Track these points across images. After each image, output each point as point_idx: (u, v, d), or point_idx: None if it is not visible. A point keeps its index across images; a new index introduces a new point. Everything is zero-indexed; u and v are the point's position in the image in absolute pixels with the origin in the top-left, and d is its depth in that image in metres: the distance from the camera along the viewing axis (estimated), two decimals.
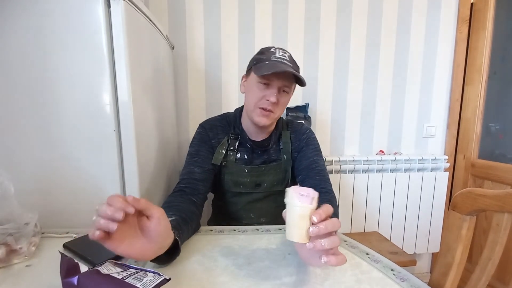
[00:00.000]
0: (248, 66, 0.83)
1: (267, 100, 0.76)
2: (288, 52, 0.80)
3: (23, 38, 0.68)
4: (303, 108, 1.42)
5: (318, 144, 0.90)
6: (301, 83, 0.77)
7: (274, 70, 0.71)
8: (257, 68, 0.76)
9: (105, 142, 0.73)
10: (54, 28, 0.68)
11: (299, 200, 0.44)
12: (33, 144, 0.71)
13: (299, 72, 0.78)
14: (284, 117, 1.20)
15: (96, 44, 0.69)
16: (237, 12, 1.39)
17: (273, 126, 0.89)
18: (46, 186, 0.73)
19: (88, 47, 0.69)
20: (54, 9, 0.67)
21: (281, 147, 0.89)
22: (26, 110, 0.70)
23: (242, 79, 0.86)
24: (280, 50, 0.78)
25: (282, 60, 0.75)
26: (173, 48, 1.33)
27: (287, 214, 0.46)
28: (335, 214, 0.69)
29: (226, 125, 0.90)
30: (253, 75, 0.78)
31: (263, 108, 0.77)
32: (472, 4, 1.51)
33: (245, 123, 0.87)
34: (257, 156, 0.89)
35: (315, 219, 0.42)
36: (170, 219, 0.56)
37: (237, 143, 0.88)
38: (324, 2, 1.43)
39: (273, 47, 0.80)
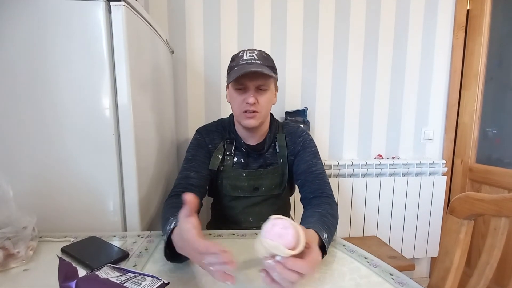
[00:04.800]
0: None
1: (247, 103, 0.77)
2: (258, 50, 0.80)
3: (24, 42, 0.68)
4: (302, 113, 1.42)
5: (315, 146, 0.89)
6: (275, 73, 0.79)
7: (237, 74, 0.74)
8: (229, 76, 0.79)
9: (105, 146, 0.73)
10: (55, 33, 0.68)
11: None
12: (32, 147, 0.71)
13: (272, 65, 0.79)
14: (281, 120, 1.20)
15: (97, 48, 0.69)
16: (236, 17, 1.40)
17: (266, 128, 0.88)
18: (44, 190, 0.73)
19: (89, 51, 0.70)
20: (55, 13, 0.68)
21: (277, 150, 0.89)
22: (25, 113, 0.70)
23: (226, 89, 0.87)
24: (248, 52, 0.79)
25: (250, 61, 0.76)
26: (172, 52, 1.34)
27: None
28: (334, 219, 0.69)
29: (222, 130, 0.90)
30: (230, 84, 0.82)
31: (246, 111, 0.78)
32: (468, 10, 1.53)
33: (238, 128, 0.88)
34: (253, 160, 0.89)
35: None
36: None
37: (233, 148, 0.88)
38: (323, 9, 1.45)
39: (243, 50, 0.81)
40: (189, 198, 0.45)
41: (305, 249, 0.42)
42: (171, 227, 0.54)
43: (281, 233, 0.41)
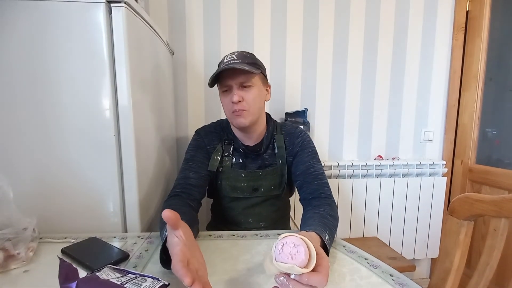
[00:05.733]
0: None
1: (233, 102, 0.78)
2: (239, 51, 0.80)
3: (24, 43, 0.68)
4: (302, 113, 1.43)
5: (314, 147, 0.88)
6: (257, 69, 0.78)
7: (213, 76, 0.76)
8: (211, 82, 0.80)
9: (105, 147, 0.73)
10: (55, 34, 0.69)
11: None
12: (32, 148, 0.71)
13: (252, 62, 0.79)
14: (279, 121, 1.20)
15: (97, 49, 0.70)
16: (236, 18, 1.40)
17: (262, 128, 0.88)
18: (45, 191, 0.73)
19: (89, 52, 0.70)
20: (56, 15, 0.68)
21: (276, 151, 0.89)
22: (26, 115, 0.70)
23: None
24: (229, 55, 0.80)
25: (230, 62, 0.77)
26: (173, 53, 1.34)
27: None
28: (335, 220, 0.69)
29: (220, 131, 0.91)
30: (218, 89, 0.84)
31: (234, 111, 0.79)
32: (467, 12, 1.54)
33: (235, 129, 0.88)
34: (251, 161, 0.89)
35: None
36: None
37: (231, 148, 0.88)
38: (322, 11, 1.45)
39: (225, 56, 0.81)
40: (167, 215, 0.41)
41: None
42: (167, 234, 0.53)
43: (292, 253, 0.41)
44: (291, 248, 0.41)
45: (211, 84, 0.80)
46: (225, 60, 0.78)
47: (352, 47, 1.50)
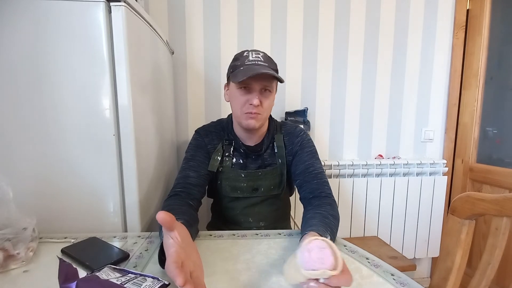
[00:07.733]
0: (227, 75, 0.85)
1: (251, 104, 0.76)
2: (262, 52, 0.80)
3: (24, 42, 0.68)
4: (302, 113, 1.42)
5: (314, 146, 0.88)
6: (280, 80, 0.78)
7: (249, 75, 0.72)
8: (234, 76, 0.77)
9: (105, 147, 0.73)
10: (55, 33, 0.68)
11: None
12: (32, 148, 0.71)
13: (276, 68, 0.79)
14: (279, 120, 1.19)
15: (97, 49, 0.69)
16: (236, 17, 1.40)
17: (265, 129, 0.88)
18: (44, 191, 0.73)
19: (89, 51, 0.70)
20: (55, 14, 0.68)
21: (275, 151, 0.88)
22: (25, 114, 0.70)
23: (224, 88, 0.87)
24: (253, 52, 0.79)
25: (257, 62, 0.76)
26: (172, 53, 1.34)
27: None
28: (336, 219, 0.69)
29: (221, 131, 0.90)
30: (232, 83, 0.80)
31: (249, 113, 0.78)
32: (468, 10, 1.53)
33: (237, 129, 0.87)
34: (251, 161, 0.89)
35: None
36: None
37: (231, 149, 0.88)
38: (323, 10, 1.45)
39: (246, 50, 0.80)
40: (161, 217, 0.40)
41: None
42: None
43: (320, 257, 0.40)
44: (318, 253, 0.40)
45: (237, 80, 0.76)
46: (251, 58, 0.77)
47: (353, 46, 1.49)
